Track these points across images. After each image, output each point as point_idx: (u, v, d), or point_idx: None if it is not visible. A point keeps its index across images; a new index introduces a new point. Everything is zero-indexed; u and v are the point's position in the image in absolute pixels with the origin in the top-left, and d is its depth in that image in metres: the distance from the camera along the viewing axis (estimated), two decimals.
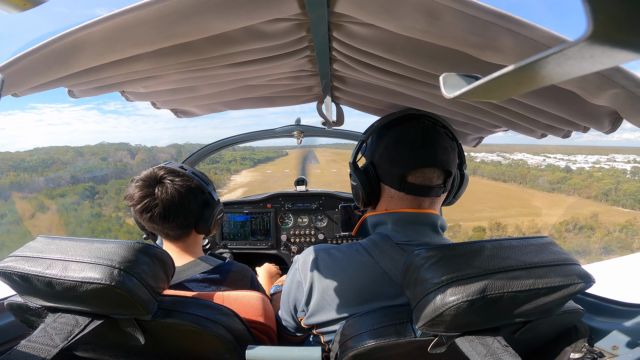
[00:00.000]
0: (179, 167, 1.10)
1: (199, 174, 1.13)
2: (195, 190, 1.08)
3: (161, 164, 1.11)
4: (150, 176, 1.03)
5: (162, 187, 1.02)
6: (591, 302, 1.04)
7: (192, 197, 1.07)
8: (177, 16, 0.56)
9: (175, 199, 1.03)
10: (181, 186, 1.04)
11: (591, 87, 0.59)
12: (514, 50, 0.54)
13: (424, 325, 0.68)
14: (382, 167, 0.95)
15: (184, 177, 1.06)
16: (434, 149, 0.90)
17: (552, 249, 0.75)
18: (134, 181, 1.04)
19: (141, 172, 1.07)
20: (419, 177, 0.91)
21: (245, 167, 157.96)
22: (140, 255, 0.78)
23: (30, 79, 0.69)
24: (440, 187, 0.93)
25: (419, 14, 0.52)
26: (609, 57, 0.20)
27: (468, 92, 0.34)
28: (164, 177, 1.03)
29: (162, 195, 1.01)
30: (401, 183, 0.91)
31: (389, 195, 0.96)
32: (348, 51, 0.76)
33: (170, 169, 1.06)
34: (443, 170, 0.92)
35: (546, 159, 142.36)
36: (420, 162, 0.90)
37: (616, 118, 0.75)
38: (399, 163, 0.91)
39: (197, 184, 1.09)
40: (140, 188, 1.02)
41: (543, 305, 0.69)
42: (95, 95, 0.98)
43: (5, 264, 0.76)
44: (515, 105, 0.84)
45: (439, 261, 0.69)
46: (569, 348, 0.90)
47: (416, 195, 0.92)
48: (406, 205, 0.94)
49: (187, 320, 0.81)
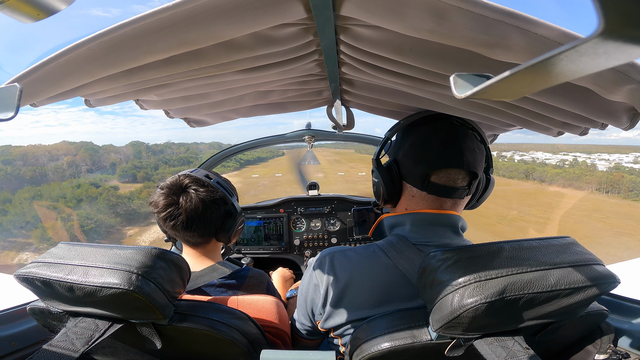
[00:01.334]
0: (205, 175, 1.12)
1: (223, 183, 1.14)
2: (219, 201, 1.09)
3: (186, 172, 1.12)
4: (175, 184, 1.05)
5: (186, 197, 1.03)
6: (615, 302, 1.01)
7: (216, 208, 1.08)
8: (187, 23, 0.57)
9: (199, 210, 1.04)
10: (205, 197, 1.05)
11: (607, 83, 0.58)
12: (524, 48, 0.53)
13: (441, 328, 0.67)
14: (406, 165, 0.94)
15: (208, 188, 1.07)
16: (460, 150, 0.88)
17: (574, 249, 0.72)
18: (160, 187, 1.06)
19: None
20: (443, 177, 0.89)
21: (227, 169, 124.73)
22: (157, 260, 0.79)
23: (47, 89, 0.71)
24: (464, 189, 0.91)
25: (426, 14, 0.51)
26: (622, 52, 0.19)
27: (479, 91, 0.33)
28: (189, 186, 1.05)
29: (186, 204, 1.03)
30: (424, 182, 0.90)
31: (410, 194, 0.95)
32: (356, 54, 0.76)
33: (195, 178, 1.08)
34: (468, 172, 0.90)
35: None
36: (445, 162, 0.88)
37: (634, 114, 0.73)
38: (423, 162, 0.90)
39: (221, 195, 1.10)
40: (165, 196, 1.03)
41: (565, 306, 0.67)
42: (111, 104, 1.00)
43: (28, 270, 0.79)
44: (528, 103, 0.82)
45: (456, 263, 0.67)
46: (593, 349, 0.87)
47: (438, 195, 0.90)
48: (427, 205, 0.92)
49: (202, 324, 0.82)
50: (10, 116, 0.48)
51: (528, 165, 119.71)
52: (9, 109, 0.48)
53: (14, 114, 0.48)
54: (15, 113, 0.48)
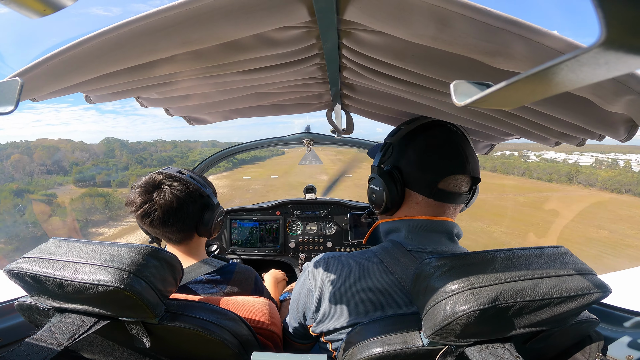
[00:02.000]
0: (177, 171, 1.13)
1: (197, 177, 1.15)
2: (193, 194, 1.09)
3: (160, 170, 1.13)
4: (149, 182, 1.06)
5: (160, 193, 1.04)
6: (605, 311, 1.02)
7: (191, 202, 1.09)
8: (191, 23, 0.57)
9: (174, 204, 1.05)
10: (179, 191, 1.06)
11: (606, 94, 0.58)
12: (526, 57, 0.53)
13: (433, 334, 0.67)
14: (411, 173, 0.93)
15: (181, 182, 1.08)
16: (465, 156, 0.91)
17: (567, 258, 0.73)
18: (134, 187, 1.07)
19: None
20: (451, 184, 0.90)
21: (218, 170, 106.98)
22: (150, 258, 0.79)
23: (48, 84, 0.71)
24: (466, 194, 0.93)
25: (429, 20, 0.52)
26: (623, 63, 0.20)
27: (479, 99, 0.33)
28: (163, 183, 1.06)
29: (160, 200, 1.03)
30: (432, 189, 0.90)
31: (414, 201, 0.94)
32: (358, 59, 0.76)
33: (169, 174, 1.09)
34: (471, 177, 0.92)
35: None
36: (454, 169, 0.90)
37: (632, 125, 0.74)
38: (431, 169, 0.91)
39: (195, 187, 1.11)
40: (140, 194, 1.04)
41: (557, 315, 0.68)
42: (112, 100, 1.00)
43: (18, 265, 0.78)
44: (527, 112, 0.82)
45: (450, 270, 0.68)
46: (581, 357, 0.88)
47: (444, 202, 0.91)
48: (430, 212, 0.93)
49: (193, 324, 0.81)
50: (9, 110, 0.48)
51: (571, 167, 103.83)
52: (8, 103, 0.48)
53: (14, 107, 0.48)
54: (14, 107, 0.48)
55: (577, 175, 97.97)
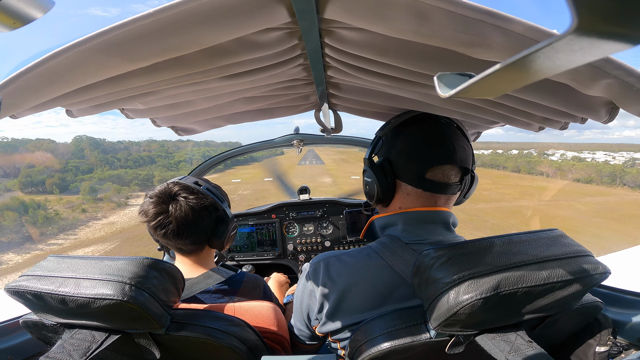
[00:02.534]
0: (194, 182, 1.11)
1: (213, 190, 1.13)
2: (209, 208, 1.08)
3: (175, 179, 1.11)
4: (164, 192, 1.04)
5: (176, 205, 1.02)
6: (613, 295, 1.02)
7: (206, 215, 1.07)
8: (170, 30, 0.57)
9: (189, 217, 1.03)
10: (195, 204, 1.04)
11: (584, 79, 0.59)
12: (503, 46, 0.54)
13: (439, 326, 0.67)
14: (400, 164, 0.95)
15: (198, 195, 1.06)
16: (452, 146, 0.91)
17: (563, 241, 0.74)
18: (149, 196, 1.05)
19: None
20: (438, 174, 0.91)
21: (208, 172, 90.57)
22: (150, 270, 0.79)
23: (26, 99, 0.69)
24: (457, 185, 0.93)
25: (408, 15, 0.52)
26: (597, 48, 0.20)
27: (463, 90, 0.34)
28: (178, 194, 1.04)
29: (175, 212, 1.01)
30: (420, 179, 0.91)
31: (405, 192, 0.95)
32: (341, 57, 0.77)
33: (185, 185, 1.07)
34: (460, 167, 0.93)
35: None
36: (440, 158, 0.90)
37: (612, 107, 0.75)
38: (418, 159, 0.92)
39: (211, 201, 1.09)
40: (155, 204, 1.02)
41: (560, 299, 0.68)
42: (94, 113, 0.99)
43: (18, 284, 0.78)
44: (510, 100, 0.84)
45: (449, 260, 0.68)
46: (593, 341, 0.89)
47: (433, 192, 0.92)
48: (421, 202, 0.93)
49: (199, 332, 0.81)
50: None
51: (614, 167, 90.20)
52: None
53: None
54: None
55: (623, 175, 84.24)
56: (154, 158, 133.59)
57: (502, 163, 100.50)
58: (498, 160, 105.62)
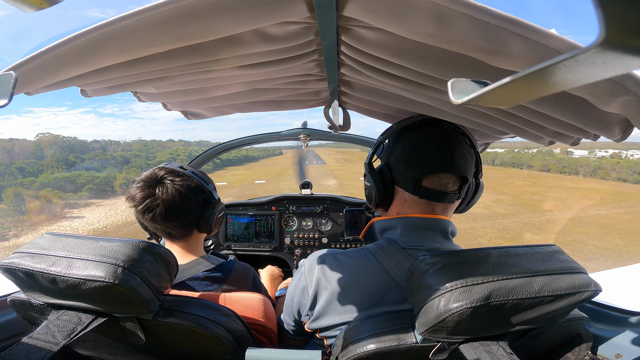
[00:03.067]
0: (179, 167, 1.12)
1: (198, 173, 1.15)
2: (195, 189, 1.09)
3: (161, 165, 1.13)
4: (150, 177, 1.05)
5: (162, 187, 1.03)
6: (595, 309, 1.03)
7: (193, 197, 1.08)
8: (188, 18, 0.57)
9: (176, 199, 1.04)
10: (181, 186, 1.06)
11: (602, 94, 0.59)
12: (524, 55, 0.53)
13: (426, 331, 0.68)
14: (398, 170, 0.95)
15: (184, 177, 1.08)
16: (451, 155, 0.90)
17: (559, 257, 0.74)
18: (134, 182, 1.06)
19: None
20: (435, 182, 0.91)
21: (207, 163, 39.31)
22: (144, 254, 0.78)
23: (43, 78, 0.70)
24: (454, 194, 0.92)
25: (428, 18, 0.52)
26: (621, 63, 0.20)
27: (476, 98, 0.33)
28: (165, 178, 1.05)
29: (162, 195, 1.03)
30: (415, 186, 0.91)
31: (402, 198, 0.96)
32: (356, 55, 0.76)
33: (170, 169, 1.08)
34: (459, 176, 0.92)
35: None
36: (436, 166, 0.90)
37: (627, 126, 0.74)
38: (415, 166, 0.91)
39: (197, 183, 1.10)
40: (141, 189, 1.03)
41: (548, 313, 0.69)
42: (108, 94, 0.99)
43: (11, 260, 0.77)
44: (523, 111, 0.83)
45: (444, 267, 0.68)
46: (571, 355, 0.89)
47: (430, 200, 0.92)
48: (418, 209, 0.93)
49: (187, 320, 0.81)
50: (3, 103, 0.48)
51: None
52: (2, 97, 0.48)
53: (7, 101, 0.48)
54: (8, 101, 0.48)
55: None
56: (130, 158, 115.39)
57: (526, 162, 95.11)
58: (521, 158, 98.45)
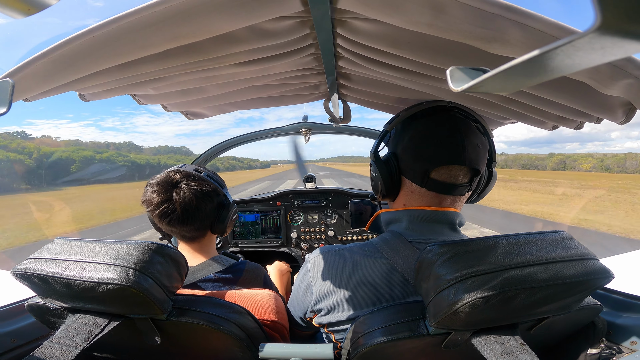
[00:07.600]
0: (194, 169, 1.12)
1: (213, 175, 1.15)
2: (211, 193, 1.09)
3: (175, 168, 1.12)
4: (166, 180, 1.05)
5: (179, 191, 1.03)
6: (609, 296, 1.01)
7: (209, 200, 1.09)
8: (182, 17, 0.57)
9: (193, 203, 1.04)
10: (197, 190, 1.05)
11: (603, 78, 0.58)
12: (521, 42, 0.53)
13: (437, 322, 0.67)
14: (405, 160, 0.90)
15: (200, 181, 1.08)
16: (462, 146, 0.84)
17: (569, 243, 0.72)
18: (149, 186, 1.06)
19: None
20: (444, 174, 0.86)
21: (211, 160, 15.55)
22: (155, 255, 0.79)
23: (40, 84, 0.70)
24: (465, 186, 0.88)
25: (424, 7, 0.51)
26: (619, 48, 0.19)
27: (476, 85, 0.33)
28: (180, 181, 1.05)
29: (180, 199, 1.03)
30: (424, 179, 0.87)
31: (409, 189, 0.92)
32: (353, 47, 0.76)
33: (186, 173, 1.08)
34: (470, 168, 0.86)
35: None
36: (446, 158, 0.84)
37: (630, 108, 0.73)
38: (423, 157, 0.87)
39: (212, 186, 1.10)
40: (158, 193, 1.03)
41: (561, 301, 0.67)
42: (106, 97, 0.99)
43: (25, 266, 0.78)
44: (524, 97, 0.82)
45: (453, 257, 0.67)
46: (586, 344, 0.88)
47: (438, 192, 0.88)
48: (426, 202, 0.90)
49: (200, 318, 0.82)
50: (2, 112, 0.48)
51: None
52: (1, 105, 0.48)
53: (7, 109, 0.48)
54: (7, 109, 0.48)
55: None
56: (75, 159, 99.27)
57: (538, 163, 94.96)
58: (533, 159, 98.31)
